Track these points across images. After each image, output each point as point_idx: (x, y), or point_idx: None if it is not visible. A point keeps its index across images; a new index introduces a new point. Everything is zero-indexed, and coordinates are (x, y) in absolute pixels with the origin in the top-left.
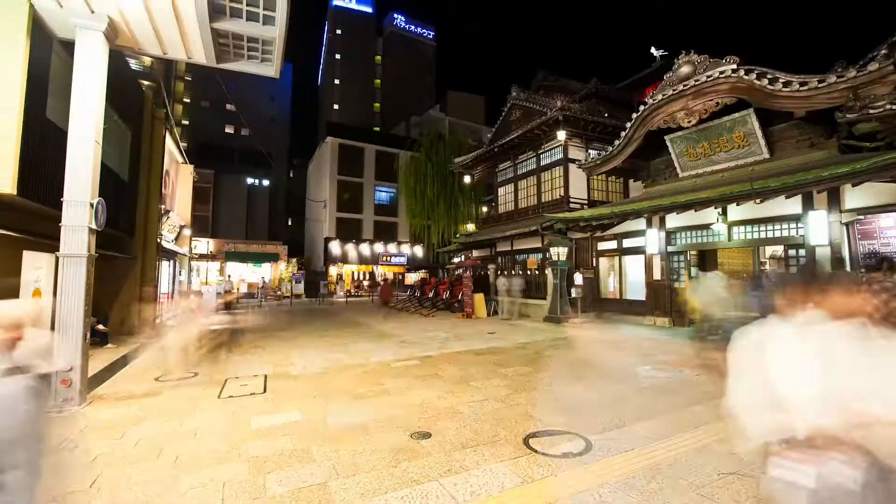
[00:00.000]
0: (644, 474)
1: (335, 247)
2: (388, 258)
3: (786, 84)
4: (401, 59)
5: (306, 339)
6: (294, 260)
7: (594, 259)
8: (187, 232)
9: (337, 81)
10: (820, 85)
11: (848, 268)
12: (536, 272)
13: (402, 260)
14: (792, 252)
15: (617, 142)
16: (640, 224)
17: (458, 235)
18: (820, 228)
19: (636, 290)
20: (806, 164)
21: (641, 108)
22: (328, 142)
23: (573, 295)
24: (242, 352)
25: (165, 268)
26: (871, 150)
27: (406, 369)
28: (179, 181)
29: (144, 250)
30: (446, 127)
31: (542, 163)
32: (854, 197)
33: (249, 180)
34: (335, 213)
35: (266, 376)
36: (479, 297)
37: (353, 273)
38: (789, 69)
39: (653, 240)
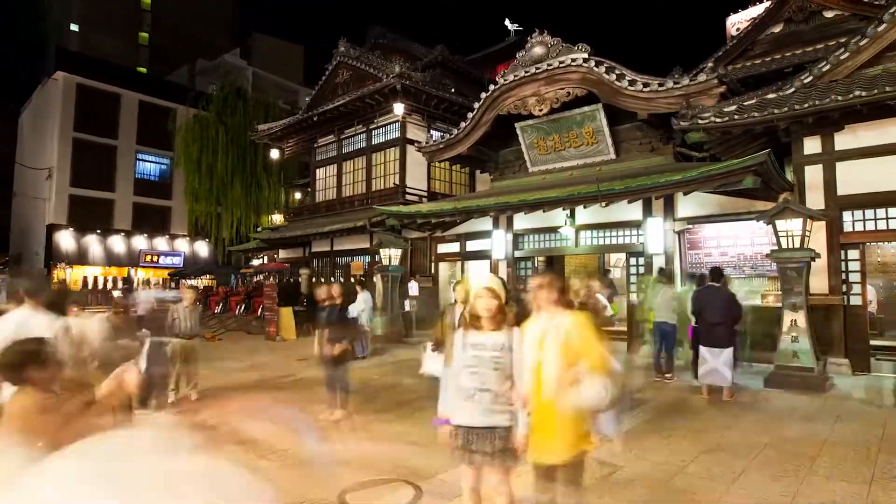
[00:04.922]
0: None
1: (66, 239)
2: (156, 258)
3: (631, 83)
4: None
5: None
6: None
7: (433, 264)
8: None
9: None
10: (660, 89)
11: (678, 277)
12: (363, 279)
13: (178, 261)
14: (633, 261)
15: (463, 124)
16: (486, 224)
17: (260, 229)
18: (657, 236)
19: None
20: (647, 169)
21: (492, 87)
22: (59, 79)
23: (407, 308)
24: None
25: None
26: (699, 160)
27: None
28: None
29: None
30: (249, 80)
31: (374, 141)
32: (685, 206)
33: None
34: (68, 188)
35: None
36: (287, 313)
37: (96, 279)
38: (652, 67)
39: (499, 243)
